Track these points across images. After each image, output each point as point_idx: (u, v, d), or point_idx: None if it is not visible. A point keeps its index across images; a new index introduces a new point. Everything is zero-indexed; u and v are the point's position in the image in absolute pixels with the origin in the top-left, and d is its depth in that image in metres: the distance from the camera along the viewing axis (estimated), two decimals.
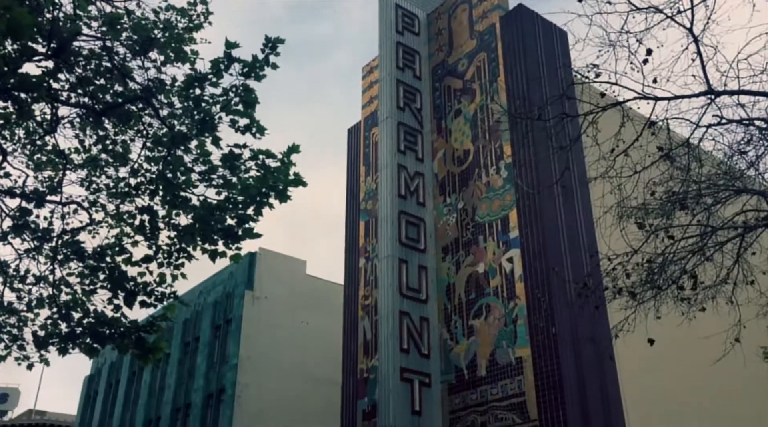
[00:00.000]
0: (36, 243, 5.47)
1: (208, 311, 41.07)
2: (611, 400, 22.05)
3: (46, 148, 6.05)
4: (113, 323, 5.73)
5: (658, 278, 7.89)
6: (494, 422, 23.27)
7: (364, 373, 29.18)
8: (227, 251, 5.80)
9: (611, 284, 7.95)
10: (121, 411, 44.68)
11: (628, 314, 8.23)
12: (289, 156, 6.16)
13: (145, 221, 5.66)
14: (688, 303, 7.87)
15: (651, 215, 8.41)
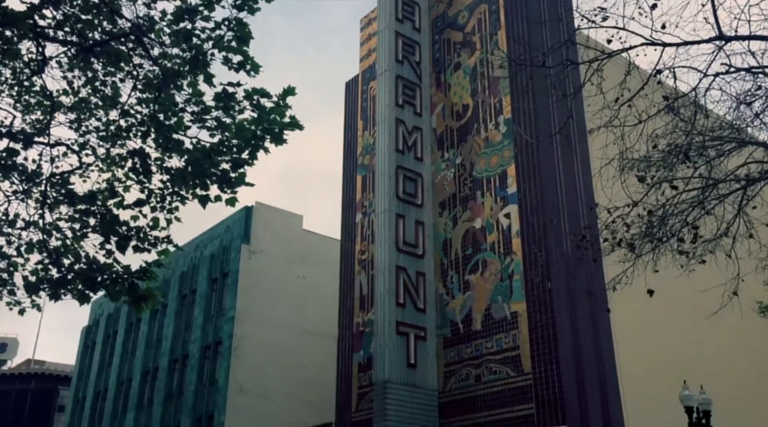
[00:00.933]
0: (24, 186, 5.33)
1: (205, 264, 41.20)
2: (604, 354, 22.30)
3: (33, 90, 5.86)
4: (105, 268, 5.63)
5: (658, 230, 7.80)
6: (488, 375, 23.56)
7: (360, 327, 29.42)
8: (222, 195, 5.66)
9: (610, 236, 7.86)
10: (119, 362, 45.20)
11: (627, 266, 8.16)
12: (285, 98, 5.97)
13: (136, 164, 5.51)
14: (687, 256, 7.79)
15: (653, 168, 8.28)
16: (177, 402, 38.54)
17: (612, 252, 8.77)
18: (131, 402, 41.90)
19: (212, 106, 5.63)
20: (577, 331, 22.06)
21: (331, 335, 31.95)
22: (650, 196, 8.24)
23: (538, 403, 21.34)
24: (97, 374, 47.33)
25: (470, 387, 23.97)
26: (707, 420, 14.34)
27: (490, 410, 22.86)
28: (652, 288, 7.74)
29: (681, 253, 7.44)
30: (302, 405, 34.66)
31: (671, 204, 7.68)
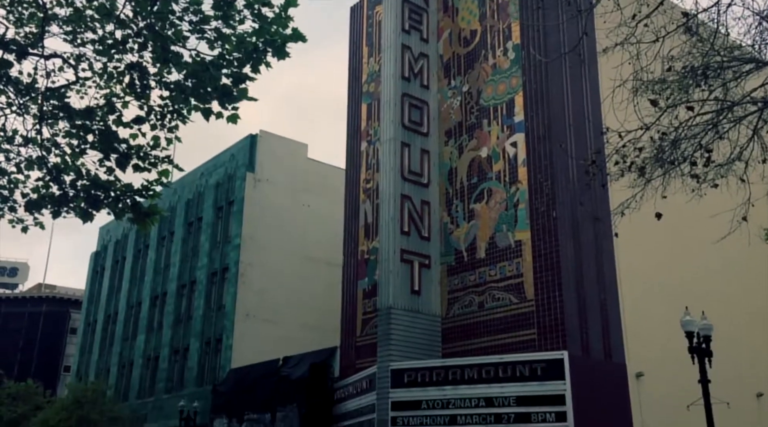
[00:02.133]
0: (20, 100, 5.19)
1: (210, 192, 41.30)
2: (607, 280, 22.51)
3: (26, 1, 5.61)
4: (107, 185, 5.55)
5: (670, 154, 7.63)
6: (491, 302, 23.88)
7: (364, 254, 29.66)
8: (223, 112, 5.50)
9: (621, 160, 7.70)
10: (128, 287, 46.01)
11: (636, 191, 8.03)
12: (286, 10, 5.69)
13: (135, 78, 5.34)
14: (697, 181, 7.65)
15: (667, 91, 8.05)
16: (186, 326, 39.42)
17: (621, 177, 8.62)
18: (141, 325, 42.89)
19: (211, 16, 5.39)
20: (581, 258, 22.19)
21: (335, 263, 32.27)
22: (662, 121, 8.03)
23: (539, 328, 21.69)
24: (107, 298, 48.27)
25: (473, 313, 24.33)
26: (707, 345, 14.56)
27: (492, 336, 23.28)
28: (656, 214, 7.63)
29: (693, 176, 7.29)
30: (308, 330, 35.40)
31: (685, 127, 7.49)
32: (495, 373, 21.07)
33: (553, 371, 19.79)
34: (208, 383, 35.94)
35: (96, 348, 47.38)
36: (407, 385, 23.09)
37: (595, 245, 22.61)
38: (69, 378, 50.63)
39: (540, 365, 20.20)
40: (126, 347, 43.92)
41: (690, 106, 7.06)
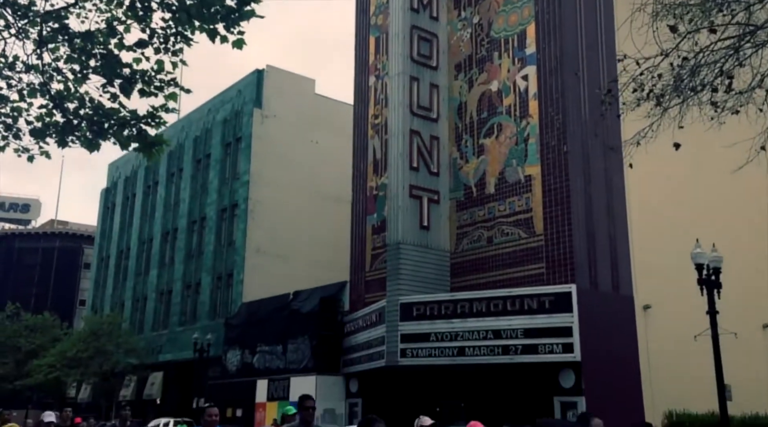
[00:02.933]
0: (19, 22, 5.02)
1: (218, 129, 41.06)
2: (616, 214, 22.44)
3: None
4: (112, 113, 5.44)
5: (689, 81, 7.40)
6: (500, 237, 23.93)
7: (373, 190, 29.61)
8: (228, 36, 5.32)
9: (639, 88, 7.48)
10: (139, 223, 46.42)
11: (653, 120, 7.84)
12: None
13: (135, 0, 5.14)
14: (716, 109, 7.45)
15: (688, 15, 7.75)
16: (197, 261, 39.91)
17: (637, 107, 8.41)
18: (153, 261, 43.47)
19: None
20: (590, 192, 22.08)
21: (344, 199, 32.29)
22: (681, 47, 7.76)
23: (548, 263, 21.79)
24: (118, 234, 48.79)
25: (482, 248, 24.43)
26: (716, 277, 14.58)
27: (500, 270, 23.43)
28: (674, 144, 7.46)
29: (712, 104, 7.08)
30: (317, 265, 35.76)
31: (705, 53, 7.24)
32: (503, 306, 21.31)
33: (561, 304, 19.98)
34: (220, 316, 36.63)
35: (110, 283, 48.19)
36: (416, 318, 23.43)
37: (606, 179, 22.45)
38: (84, 311, 51.76)
39: (548, 299, 20.39)
40: (139, 282, 44.64)
41: (713, 28, 6.80)
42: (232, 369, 33.34)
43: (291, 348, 30.48)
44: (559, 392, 20.01)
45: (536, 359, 20.21)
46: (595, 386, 19.11)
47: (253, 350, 32.45)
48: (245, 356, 32.95)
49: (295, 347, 30.31)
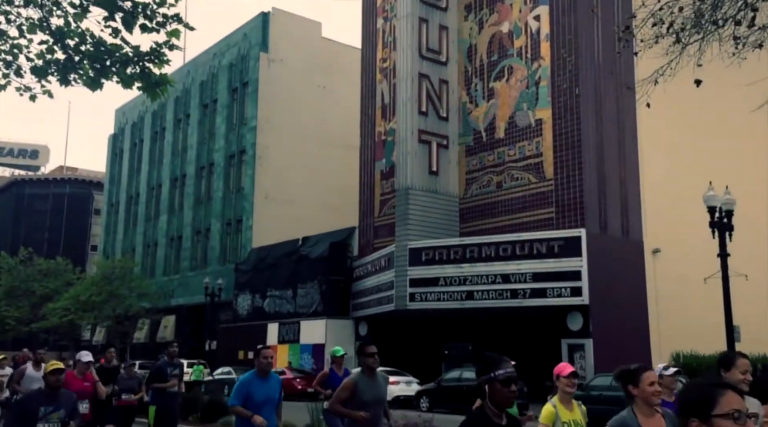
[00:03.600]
0: None
1: (224, 73, 40.54)
2: (628, 157, 22.22)
3: None
4: (114, 49, 5.29)
5: (711, 15, 7.11)
6: (510, 182, 23.79)
7: (382, 135, 29.36)
8: None
9: (658, 22, 7.21)
10: (147, 169, 46.43)
11: (672, 57, 7.58)
12: None
13: None
14: (737, 44, 7.18)
15: None
16: (206, 207, 40.04)
17: (655, 44, 8.11)
18: (162, 206, 43.65)
19: None
20: (602, 136, 21.81)
21: (352, 145, 32.08)
22: None
23: (558, 207, 21.71)
24: (127, 180, 48.90)
25: (491, 193, 24.33)
26: (729, 219, 14.44)
27: (510, 215, 23.39)
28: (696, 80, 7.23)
29: (734, 39, 6.82)
30: (326, 211, 35.80)
31: None
32: (512, 251, 21.34)
33: (571, 249, 19.99)
34: (230, 261, 36.95)
35: (120, 228, 48.56)
36: (425, 263, 23.55)
37: (618, 122, 22.13)
38: (96, 256, 52.35)
39: (557, 243, 20.39)
40: (149, 228, 44.96)
41: None
42: (243, 313, 33.84)
43: (301, 293, 30.83)
44: (567, 334, 20.22)
45: (544, 302, 20.36)
46: (602, 328, 19.29)
47: (264, 294, 32.86)
48: (256, 300, 33.38)
49: (304, 291, 30.65)
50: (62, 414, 5.50)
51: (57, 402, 5.51)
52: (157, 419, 9.33)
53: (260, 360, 6.21)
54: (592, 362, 18.92)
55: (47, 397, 5.54)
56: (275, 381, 6.35)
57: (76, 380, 7.68)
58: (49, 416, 5.43)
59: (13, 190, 65.82)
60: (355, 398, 5.35)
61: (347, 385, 5.45)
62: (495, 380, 2.89)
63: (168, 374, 9.48)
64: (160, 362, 10.00)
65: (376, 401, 5.49)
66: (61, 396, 5.61)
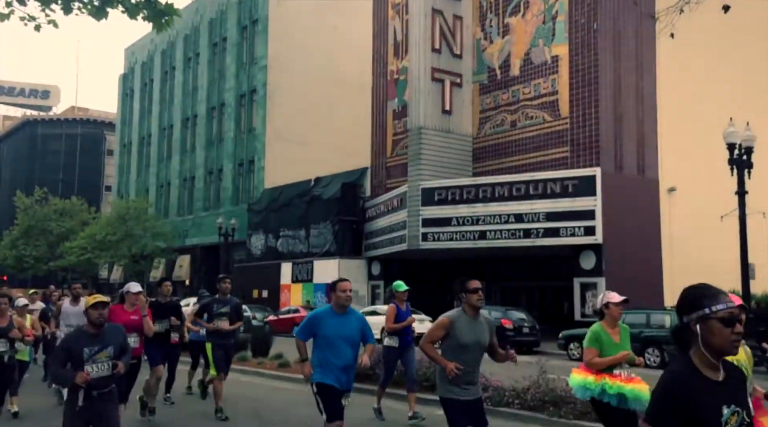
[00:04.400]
0: None
1: (233, 10, 39.74)
2: (646, 95, 21.75)
3: None
4: None
5: None
6: (524, 121, 23.43)
7: (394, 74, 28.87)
8: None
9: None
10: (158, 109, 46.18)
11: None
12: None
13: None
14: None
15: None
16: (218, 148, 39.95)
17: None
18: (174, 147, 43.61)
19: None
20: (620, 72, 21.32)
21: (364, 84, 31.62)
22: None
23: (573, 146, 21.43)
24: (139, 121, 48.75)
25: (505, 132, 24.03)
26: (749, 156, 14.15)
27: (523, 154, 23.15)
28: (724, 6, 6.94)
29: None
30: (338, 152, 35.61)
31: None
32: (526, 190, 21.21)
33: (585, 188, 19.83)
34: (243, 202, 37.10)
35: (133, 169, 48.70)
36: (438, 203, 23.50)
37: (636, 58, 21.58)
38: (111, 197, 52.71)
39: (572, 182, 20.22)
40: (162, 168, 45.05)
41: None
42: (257, 253, 34.18)
43: (313, 233, 31.00)
44: (580, 273, 20.27)
45: (557, 242, 20.34)
46: (615, 267, 19.29)
47: (277, 234, 33.08)
48: (269, 240, 33.65)
49: (317, 231, 30.81)
50: (111, 352, 4.91)
51: (103, 339, 4.90)
52: (216, 358, 8.30)
53: (338, 294, 5.49)
54: None
55: (91, 335, 4.90)
56: (355, 319, 5.53)
57: (124, 313, 7.02)
58: (96, 356, 4.83)
59: (26, 131, 65.93)
60: (451, 340, 4.73)
61: (443, 323, 4.77)
62: (712, 318, 2.16)
63: (215, 312, 8.43)
64: (209, 298, 9.11)
65: (477, 345, 4.78)
66: (108, 332, 4.98)
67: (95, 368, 4.80)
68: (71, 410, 4.76)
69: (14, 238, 44.13)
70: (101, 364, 4.84)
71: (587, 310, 19.79)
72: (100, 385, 4.82)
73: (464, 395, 4.73)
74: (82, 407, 4.74)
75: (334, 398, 5.16)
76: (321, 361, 5.27)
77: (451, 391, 4.71)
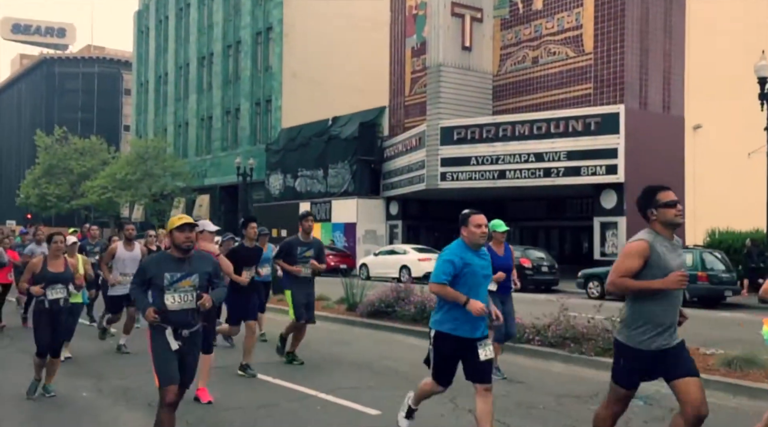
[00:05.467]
0: None
1: None
2: (674, 30, 21.04)
3: None
4: None
5: None
6: (546, 57, 22.84)
7: (413, 10, 28.12)
8: None
9: None
10: (174, 47, 45.64)
11: None
12: None
13: None
14: None
15: None
16: (235, 87, 39.58)
17: None
18: (191, 86, 43.28)
19: None
20: (647, 7, 20.59)
21: (382, 21, 30.89)
22: None
23: (596, 83, 20.93)
24: (155, 59, 48.31)
25: (526, 69, 23.49)
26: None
27: (545, 92, 22.68)
28: None
29: None
30: (355, 91, 35.14)
31: None
32: (547, 129, 20.86)
33: (608, 126, 19.45)
34: (261, 142, 36.99)
35: (151, 108, 48.57)
36: (457, 142, 23.24)
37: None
38: (129, 136, 52.81)
39: (594, 120, 19.83)
40: (179, 107, 44.87)
41: None
42: (275, 192, 34.28)
43: (331, 172, 30.94)
44: (600, 212, 20.12)
45: (578, 180, 20.12)
46: None
47: (295, 174, 33.08)
48: (287, 180, 33.67)
49: (335, 171, 30.74)
50: (196, 281, 4.31)
51: (189, 266, 4.30)
52: (296, 305, 7.36)
53: (471, 229, 4.51)
54: (624, 239, 18.90)
55: (175, 260, 4.30)
56: (488, 256, 4.70)
57: None
58: (178, 284, 4.26)
59: (44, 69, 65.82)
60: (650, 269, 3.62)
61: (636, 249, 3.65)
62: None
63: (298, 255, 7.38)
64: (291, 238, 7.80)
65: None
66: (195, 259, 4.35)
67: (176, 299, 4.28)
68: (162, 348, 4.25)
69: (36, 177, 44.63)
70: (184, 293, 4.30)
71: (606, 249, 19.73)
72: (184, 320, 4.29)
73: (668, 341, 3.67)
74: (176, 349, 4.24)
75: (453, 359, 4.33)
76: (453, 307, 4.33)
77: (640, 340, 3.66)
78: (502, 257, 6.79)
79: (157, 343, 4.28)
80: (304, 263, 7.40)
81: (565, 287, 18.16)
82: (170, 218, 4.46)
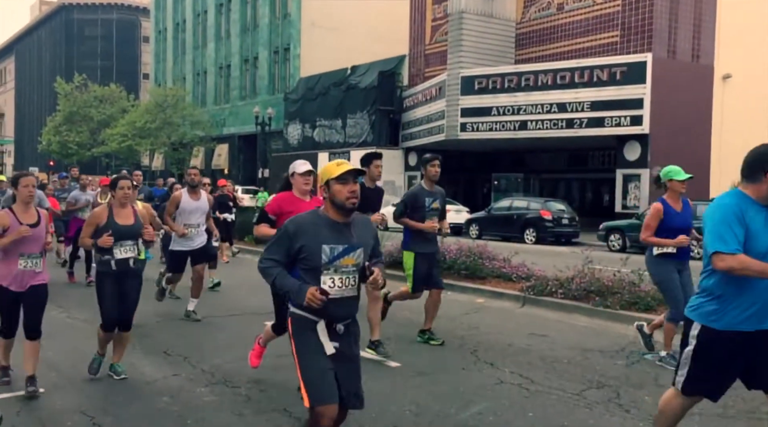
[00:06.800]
0: None
1: None
2: None
3: None
4: None
5: None
6: (572, 3, 22.01)
7: None
8: None
9: None
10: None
11: None
12: None
13: None
14: None
15: None
16: (253, 35, 39.05)
17: None
18: (209, 34, 42.78)
19: None
20: None
21: None
22: None
23: (623, 30, 20.32)
24: (173, 6, 47.68)
25: (551, 16, 22.85)
26: None
27: (570, 40, 22.09)
28: None
29: None
30: (374, 39, 34.51)
31: None
32: (570, 78, 20.39)
33: (634, 75, 18.95)
34: (279, 91, 36.68)
35: (170, 56, 48.18)
36: (477, 92, 22.83)
37: None
38: (148, 85, 52.56)
39: (620, 69, 19.32)
40: (198, 56, 44.46)
41: None
42: (294, 142, 34.14)
43: (350, 122, 30.67)
44: (623, 164, 19.80)
45: (601, 132, 19.75)
46: (660, 158, 18.70)
47: (313, 124, 32.85)
48: (305, 129, 33.47)
49: (354, 121, 30.47)
50: (360, 258, 3.01)
51: (352, 236, 3.03)
52: (417, 276, 6.03)
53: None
54: (647, 193, 18.64)
55: (333, 226, 3.00)
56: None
57: (300, 203, 4.68)
58: (339, 261, 2.98)
59: (62, 16, 65.29)
60: None
61: None
62: None
63: (427, 207, 6.06)
64: (415, 188, 6.40)
65: None
66: (357, 224, 3.05)
67: (336, 282, 2.97)
68: (310, 351, 3.01)
69: (57, 124, 44.78)
70: (346, 276, 3.00)
71: (628, 202, 19.49)
72: (344, 313, 3.03)
73: None
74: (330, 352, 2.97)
75: None
76: None
77: None
78: (680, 214, 5.41)
79: (304, 344, 3.03)
80: (431, 216, 6.09)
81: (586, 240, 18.03)
82: (326, 166, 3.05)
